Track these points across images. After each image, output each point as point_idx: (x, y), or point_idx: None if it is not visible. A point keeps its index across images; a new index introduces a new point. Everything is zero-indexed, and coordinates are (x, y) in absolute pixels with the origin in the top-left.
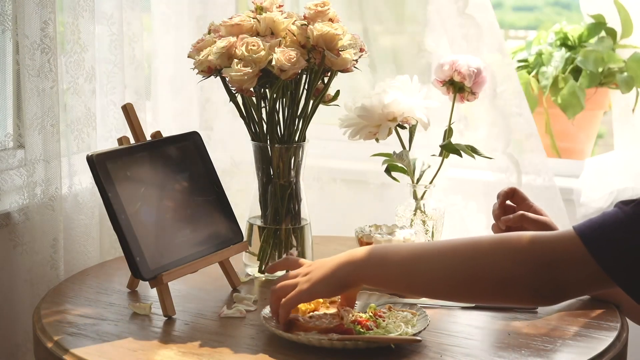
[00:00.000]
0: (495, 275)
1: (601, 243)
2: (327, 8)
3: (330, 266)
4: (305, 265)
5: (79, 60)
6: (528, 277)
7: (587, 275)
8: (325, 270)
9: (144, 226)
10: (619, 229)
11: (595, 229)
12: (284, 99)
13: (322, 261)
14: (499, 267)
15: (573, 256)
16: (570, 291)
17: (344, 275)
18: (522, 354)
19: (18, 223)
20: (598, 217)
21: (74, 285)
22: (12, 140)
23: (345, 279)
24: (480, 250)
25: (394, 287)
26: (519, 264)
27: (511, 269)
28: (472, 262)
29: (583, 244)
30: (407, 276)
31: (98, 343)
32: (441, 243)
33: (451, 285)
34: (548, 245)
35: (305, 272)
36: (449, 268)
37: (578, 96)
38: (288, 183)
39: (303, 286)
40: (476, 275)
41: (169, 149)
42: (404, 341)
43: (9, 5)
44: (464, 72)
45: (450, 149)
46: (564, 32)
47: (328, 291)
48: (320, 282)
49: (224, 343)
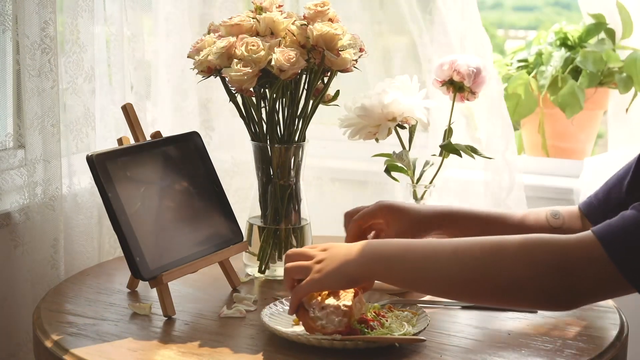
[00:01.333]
0: (508, 278)
1: (621, 247)
2: (327, 8)
3: (342, 260)
4: (321, 247)
5: (77, 60)
6: (542, 280)
7: (604, 280)
8: (336, 264)
9: (144, 226)
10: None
11: (615, 233)
12: (284, 99)
13: (337, 250)
14: (512, 269)
15: (591, 260)
16: (586, 296)
17: (354, 272)
18: (522, 354)
19: (19, 223)
20: (617, 219)
21: (74, 285)
22: (12, 140)
23: (355, 275)
24: (493, 252)
25: (405, 285)
26: (533, 266)
27: (524, 272)
28: (484, 263)
29: (602, 248)
30: (419, 274)
31: (98, 343)
32: (456, 242)
33: (463, 286)
34: (565, 248)
35: (319, 259)
36: (464, 269)
37: (577, 96)
38: (288, 183)
39: (314, 276)
40: (489, 277)
41: (169, 149)
42: (408, 341)
43: (9, 5)
44: (463, 72)
45: (450, 149)
46: (564, 32)
47: (338, 286)
48: (330, 275)
49: (224, 343)
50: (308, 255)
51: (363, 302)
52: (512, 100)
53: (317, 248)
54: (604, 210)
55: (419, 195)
